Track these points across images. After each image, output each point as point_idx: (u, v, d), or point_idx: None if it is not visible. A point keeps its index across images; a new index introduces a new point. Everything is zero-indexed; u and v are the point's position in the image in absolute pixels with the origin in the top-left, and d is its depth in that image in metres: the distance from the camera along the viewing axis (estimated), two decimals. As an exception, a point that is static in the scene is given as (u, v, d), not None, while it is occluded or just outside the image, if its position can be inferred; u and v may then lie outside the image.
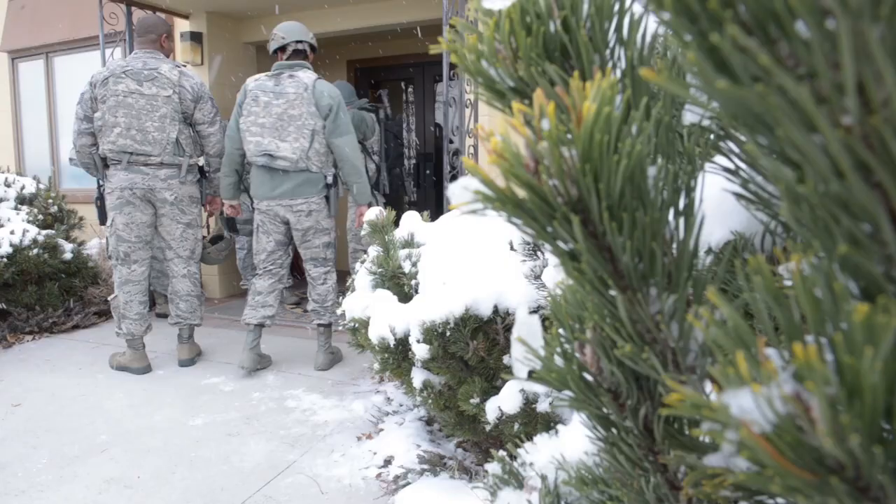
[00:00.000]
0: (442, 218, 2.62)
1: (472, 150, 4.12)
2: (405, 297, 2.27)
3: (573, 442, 0.44)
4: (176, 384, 3.46)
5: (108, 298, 3.68)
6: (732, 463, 0.32)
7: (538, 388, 2.05)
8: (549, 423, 2.04)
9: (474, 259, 2.21)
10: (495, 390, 2.12)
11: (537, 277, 1.73)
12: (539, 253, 1.75)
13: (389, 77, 6.61)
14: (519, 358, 0.38)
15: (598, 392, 0.37)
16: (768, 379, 0.22)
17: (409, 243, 2.40)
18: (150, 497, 2.31)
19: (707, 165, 0.42)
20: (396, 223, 2.50)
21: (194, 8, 5.20)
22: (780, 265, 0.34)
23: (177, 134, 3.56)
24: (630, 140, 0.28)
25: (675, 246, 0.33)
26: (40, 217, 4.92)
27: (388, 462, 2.51)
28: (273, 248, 3.65)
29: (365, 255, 2.57)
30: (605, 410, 0.38)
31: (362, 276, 2.41)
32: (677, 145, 0.38)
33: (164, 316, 4.68)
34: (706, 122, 0.38)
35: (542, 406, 2.01)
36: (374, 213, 2.40)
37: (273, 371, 3.63)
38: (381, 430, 2.78)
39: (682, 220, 0.33)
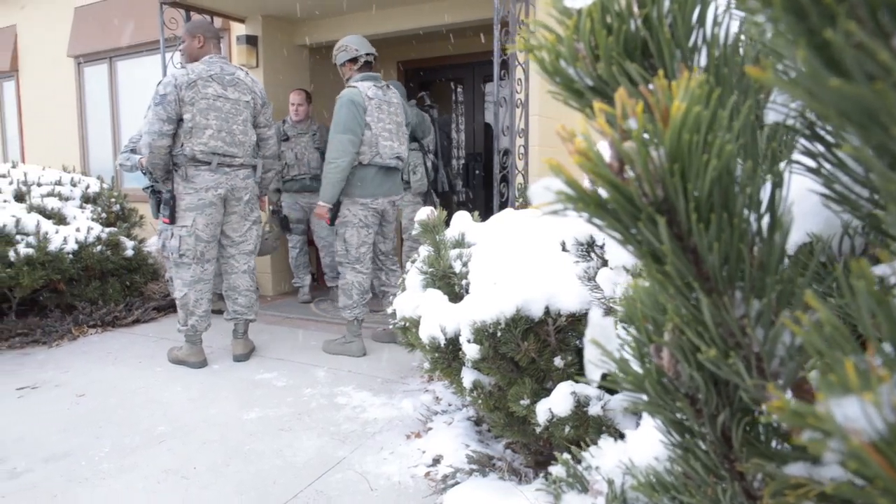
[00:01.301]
0: (493, 218, 2.61)
1: (522, 150, 4.10)
2: (456, 296, 2.28)
3: (642, 447, 0.43)
4: (231, 379, 3.55)
5: (176, 297, 3.80)
6: (818, 473, 0.31)
7: (590, 391, 2.03)
8: (600, 426, 2.02)
9: (525, 259, 2.19)
10: (546, 392, 2.11)
11: (591, 279, 1.70)
12: (592, 254, 1.73)
13: (438, 77, 6.63)
14: (592, 360, 0.37)
15: (676, 397, 0.36)
16: (876, 386, 0.21)
17: (460, 243, 2.40)
18: (205, 489, 2.37)
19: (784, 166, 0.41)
20: (447, 223, 2.51)
21: (250, 12, 5.33)
22: (878, 266, 0.33)
23: (254, 136, 3.73)
24: (720, 140, 0.27)
25: (755, 249, 0.32)
26: (104, 215, 5.12)
27: (436, 461, 2.52)
28: (372, 240, 3.92)
29: (416, 255, 2.58)
30: (680, 415, 0.38)
31: (413, 276, 2.42)
32: (760, 145, 0.37)
33: (218, 312, 4.81)
34: (790, 122, 0.37)
35: (594, 409, 1.99)
36: (426, 212, 2.41)
37: (324, 368, 3.69)
38: (430, 428, 2.79)
39: (765, 222, 0.32)
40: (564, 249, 2.25)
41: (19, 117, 8.03)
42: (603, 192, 0.30)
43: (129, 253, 4.91)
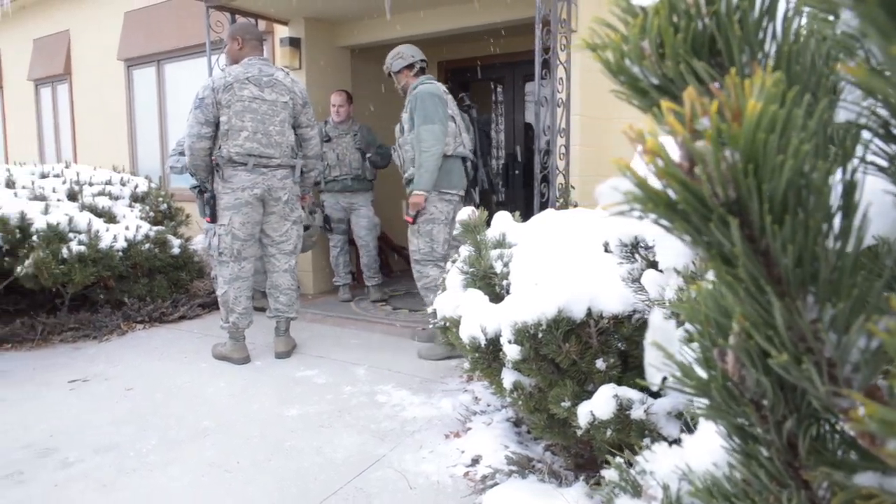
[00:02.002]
0: (534, 218, 2.60)
1: (563, 150, 4.07)
2: (496, 297, 2.27)
3: (699, 452, 0.42)
4: (272, 375, 3.61)
5: (218, 294, 3.89)
6: (891, 484, 0.30)
7: (632, 395, 2.00)
8: (643, 430, 1.99)
9: (567, 260, 2.18)
10: (587, 394, 2.08)
11: (635, 280, 1.68)
12: (637, 256, 1.70)
13: (479, 77, 6.62)
14: (653, 363, 0.37)
15: (740, 402, 0.36)
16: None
17: (501, 243, 2.39)
18: (248, 483, 2.42)
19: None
20: (488, 223, 2.50)
21: (293, 14, 5.40)
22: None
23: (292, 137, 3.78)
24: (796, 139, 0.27)
25: (829, 251, 0.31)
26: (151, 214, 5.27)
27: (475, 461, 2.52)
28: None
29: (456, 254, 2.59)
30: (742, 421, 0.37)
31: (453, 276, 2.42)
32: (832, 144, 0.36)
33: (261, 310, 4.89)
34: (862, 120, 0.36)
35: (637, 413, 1.96)
36: (467, 212, 2.41)
37: (364, 366, 3.72)
38: (469, 429, 2.79)
39: (837, 224, 0.31)
40: (607, 250, 2.22)
41: (72, 119, 8.32)
42: (672, 193, 0.29)
43: (176, 251, 5.04)
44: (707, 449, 0.42)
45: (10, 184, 4.94)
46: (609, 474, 0.56)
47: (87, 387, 3.52)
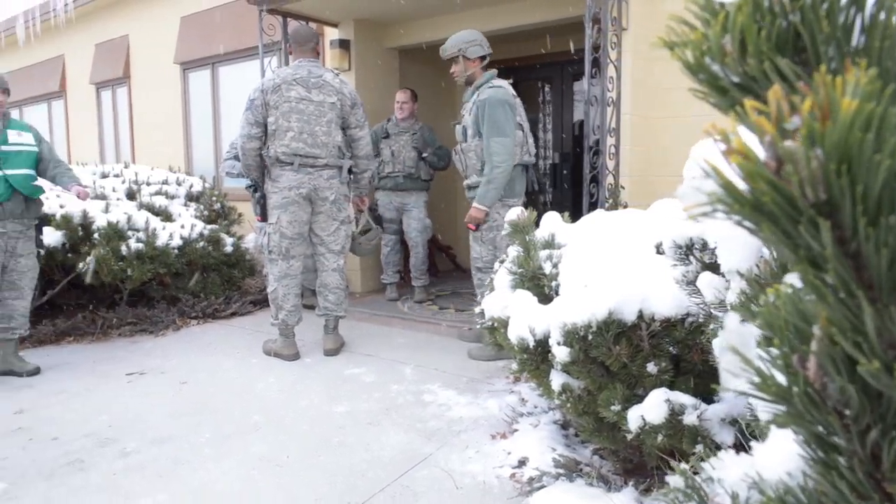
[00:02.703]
0: (583, 219, 2.57)
1: (612, 150, 4.01)
2: (545, 298, 2.25)
3: (772, 461, 0.41)
4: (321, 372, 3.66)
5: (268, 291, 3.97)
6: None
7: (685, 400, 1.96)
8: (696, 436, 1.94)
9: (618, 262, 2.14)
10: (637, 398, 2.05)
11: (690, 283, 1.64)
12: (691, 257, 1.67)
13: (526, 76, 6.58)
14: (729, 368, 0.36)
15: (822, 410, 0.34)
16: None
17: (550, 244, 2.37)
18: (297, 477, 2.46)
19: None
20: (536, 224, 2.49)
21: (343, 16, 5.47)
22: None
23: (339, 137, 3.82)
24: (893, 138, 0.26)
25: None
26: (205, 213, 5.41)
27: (522, 463, 2.50)
28: None
29: (504, 255, 2.58)
30: (822, 430, 0.35)
31: (502, 276, 2.41)
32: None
33: (310, 308, 4.97)
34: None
35: (690, 418, 1.92)
36: (516, 213, 2.40)
37: (410, 365, 3.74)
38: (516, 430, 2.77)
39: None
40: (659, 252, 2.18)
41: (130, 120, 8.61)
42: (758, 194, 0.28)
43: (229, 249, 5.16)
44: (780, 457, 0.40)
45: (73, 183, 5.14)
46: (673, 480, 0.55)
47: (143, 380, 3.63)
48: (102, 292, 4.85)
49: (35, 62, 10.13)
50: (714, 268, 1.57)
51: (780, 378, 0.34)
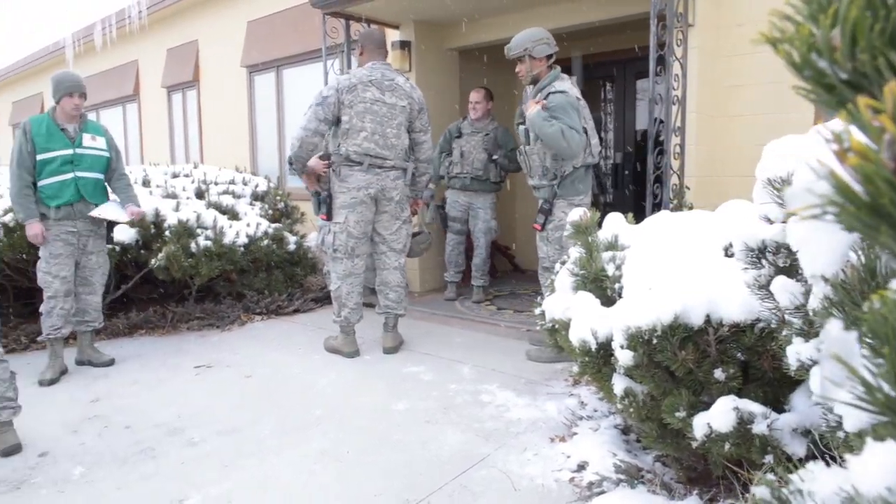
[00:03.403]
0: (647, 220, 2.52)
1: (677, 150, 3.91)
2: (608, 300, 2.22)
3: (869, 475, 0.39)
4: (381, 370, 3.71)
5: (331, 289, 4.04)
6: None
7: (754, 408, 1.89)
8: (765, 446, 1.88)
9: (684, 264, 2.09)
10: (703, 405, 1.99)
11: (762, 287, 1.59)
12: (763, 261, 1.61)
13: (588, 75, 6.49)
14: (832, 378, 0.34)
15: (934, 423, 0.33)
16: None
17: (613, 245, 2.33)
18: (357, 472, 2.49)
19: None
20: (599, 225, 2.45)
21: (403, 18, 5.52)
22: None
23: (406, 140, 3.86)
24: None
25: None
26: (270, 212, 5.56)
27: (581, 467, 2.47)
28: None
29: (566, 256, 2.55)
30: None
31: (563, 277, 2.39)
32: None
33: (370, 306, 5.03)
34: None
35: (759, 428, 1.86)
36: (578, 213, 2.37)
37: (468, 365, 3.75)
38: (575, 433, 2.74)
39: None
40: (728, 254, 2.12)
41: (199, 122, 8.92)
42: (876, 196, 0.27)
43: (292, 247, 5.28)
44: (879, 471, 0.38)
45: (146, 183, 5.37)
46: (758, 491, 0.53)
47: (210, 373, 3.76)
48: (172, 288, 5.05)
49: (111, 67, 10.62)
50: (789, 271, 1.51)
51: (888, 389, 0.32)
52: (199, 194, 5.37)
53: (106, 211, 3.77)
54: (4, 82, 14.94)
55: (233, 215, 5.16)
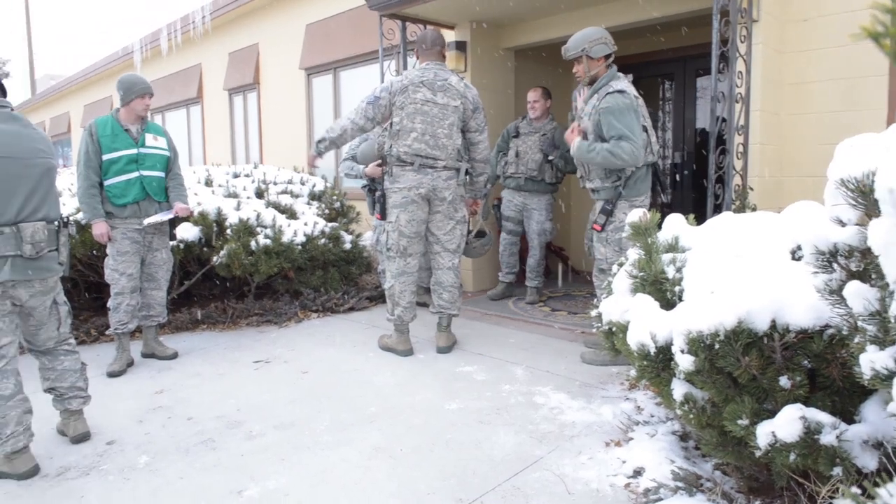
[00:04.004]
0: (709, 221, 2.45)
1: (740, 149, 3.80)
2: (667, 303, 2.17)
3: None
4: (434, 369, 3.72)
5: (385, 288, 4.09)
6: None
7: (823, 418, 1.82)
8: (833, 458, 1.80)
9: (748, 267, 2.03)
10: (767, 413, 1.93)
11: (833, 292, 1.52)
12: (835, 265, 1.54)
13: (645, 73, 6.36)
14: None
15: None
16: None
17: (673, 247, 2.28)
18: (411, 469, 2.51)
19: None
20: (659, 226, 2.40)
21: (460, 18, 5.54)
22: None
23: (459, 140, 3.87)
24: None
25: None
26: (326, 211, 5.66)
27: (638, 473, 2.42)
28: None
29: (624, 257, 2.51)
30: None
31: (621, 279, 2.35)
32: None
33: (423, 305, 5.07)
34: None
35: (827, 438, 1.78)
36: (637, 214, 2.32)
37: (522, 366, 3.73)
38: (631, 438, 2.69)
39: None
40: (795, 258, 2.04)
41: (259, 124, 9.16)
42: None
43: (347, 246, 5.36)
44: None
45: (208, 182, 5.54)
46: (839, 504, 0.51)
47: (268, 368, 3.85)
48: (233, 284, 5.20)
49: (175, 71, 11.01)
50: (862, 276, 1.44)
51: None
52: (259, 194, 5.51)
53: (155, 218, 3.90)
54: (77, 86, 15.69)
55: (291, 214, 5.27)
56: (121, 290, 3.85)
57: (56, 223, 2.70)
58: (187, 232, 4.60)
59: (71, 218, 4.41)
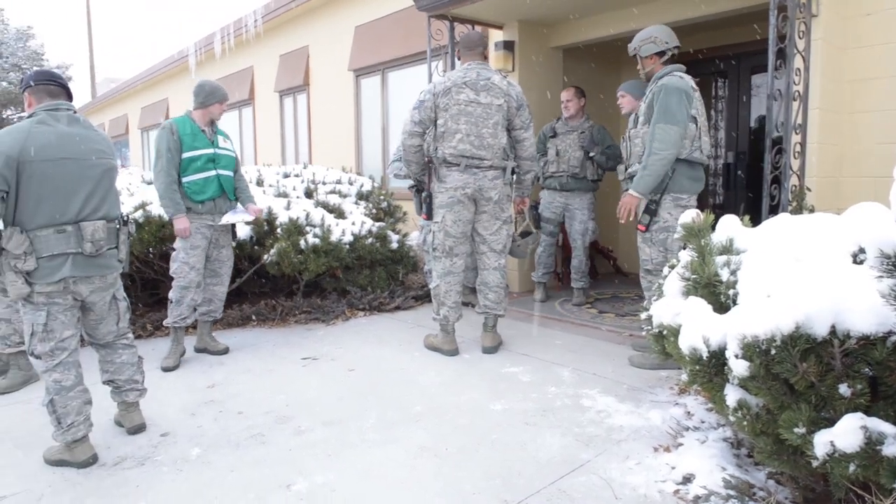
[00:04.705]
0: (765, 223, 2.38)
1: (798, 148, 3.68)
2: (720, 307, 2.12)
3: None
4: (480, 369, 3.72)
5: (431, 287, 4.11)
6: None
7: (885, 428, 1.75)
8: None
9: (806, 271, 1.96)
10: (825, 422, 1.86)
11: (899, 298, 1.46)
12: (901, 269, 1.48)
13: (699, 71, 6.21)
14: None
15: None
16: None
17: (728, 249, 2.22)
18: (456, 469, 2.51)
19: None
20: (713, 227, 2.34)
21: (508, 18, 5.52)
22: None
23: (504, 139, 3.86)
24: None
25: None
26: (373, 211, 5.71)
27: (687, 479, 2.37)
28: None
29: (675, 259, 2.46)
30: None
31: (672, 282, 2.30)
32: None
33: (468, 305, 5.07)
34: None
35: (890, 449, 1.71)
36: (690, 215, 2.27)
37: (568, 368, 3.69)
38: (681, 444, 2.64)
39: None
40: (857, 262, 1.97)
41: (308, 125, 9.31)
42: None
43: (394, 246, 5.40)
44: None
45: (259, 182, 5.67)
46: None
47: (316, 365, 3.91)
48: (282, 282, 5.29)
49: (229, 73, 11.28)
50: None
51: None
52: (308, 193, 5.60)
53: (232, 217, 4.03)
54: (134, 90, 16.25)
55: (339, 214, 5.34)
56: (188, 284, 3.97)
57: (116, 222, 2.80)
58: (239, 230, 4.72)
59: (130, 216, 4.57)
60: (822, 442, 1.79)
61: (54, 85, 2.72)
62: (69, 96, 2.78)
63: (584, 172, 5.19)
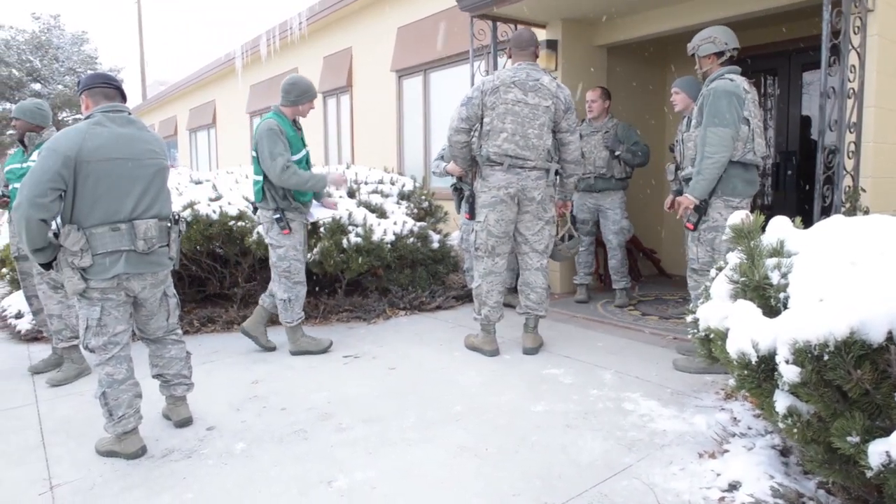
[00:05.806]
0: (817, 225, 2.31)
1: (852, 148, 3.56)
2: (770, 310, 2.06)
3: None
4: (520, 370, 3.70)
5: (472, 287, 4.11)
6: None
7: (947, 439, 1.67)
8: (959, 483, 1.66)
9: (862, 274, 1.89)
10: (881, 431, 1.80)
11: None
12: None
13: (748, 68, 6.06)
14: None
15: None
16: None
17: (778, 252, 2.16)
18: (495, 469, 2.51)
19: None
20: (763, 229, 2.28)
21: (551, 17, 5.48)
22: None
23: (549, 141, 3.84)
24: None
25: None
26: (415, 210, 5.74)
27: (733, 487, 2.32)
28: None
29: (723, 261, 2.40)
30: None
31: (720, 284, 2.25)
32: None
33: (509, 306, 5.05)
34: None
35: (952, 462, 1.64)
36: (739, 216, 2.22)
37: (610, 371, 3.65)
38: (726, 450, 2.58)
39: None
40: (916, 265, 1.89)
41: (351, 125, 9.41)
42: None
43: (435, 245, 5.42)
44: None
45: (303, 182, 5.73)
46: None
47: (357, 363, 3.95)
48: (324, 281, 5.35)
49: (274, 75, 11.47)
50: None
51: None
52: (351, 193, 5.66)
53: (322, 213, 4.14)
54: (182, 92, 16.66)
55: (381, 213, 5.38)
56: (301, 280, 4.11)
57: (167, 220, 2.87)
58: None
59: (181, 215, 4.69)
60: (877, 452, 1.73)
61: (110, 87, 2.81)
62: (124, 98, 2.87)
63: (610, 172, 5.16)
